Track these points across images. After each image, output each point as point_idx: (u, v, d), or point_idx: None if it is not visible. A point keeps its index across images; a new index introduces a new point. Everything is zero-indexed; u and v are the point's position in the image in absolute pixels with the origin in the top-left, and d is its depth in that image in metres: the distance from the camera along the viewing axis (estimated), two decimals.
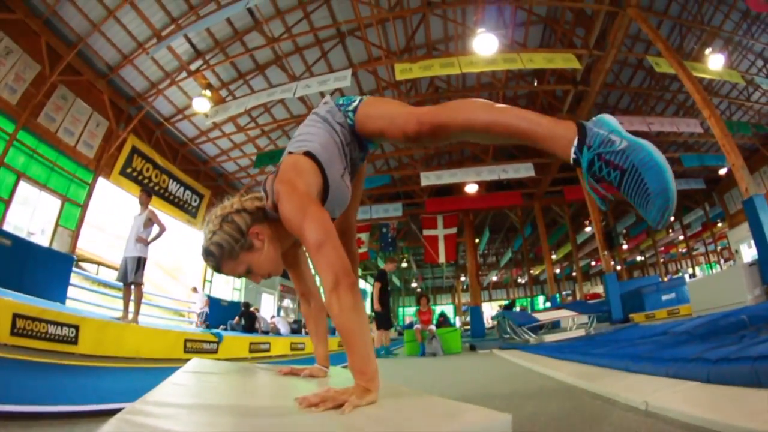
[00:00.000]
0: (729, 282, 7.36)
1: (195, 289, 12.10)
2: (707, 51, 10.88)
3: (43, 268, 6.98)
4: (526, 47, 11.90)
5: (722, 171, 16.43)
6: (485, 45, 9.23)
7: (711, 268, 22.70)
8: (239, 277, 1.39)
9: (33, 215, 9.09)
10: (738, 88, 14.20)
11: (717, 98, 14.40)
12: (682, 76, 8.59)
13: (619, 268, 22.61)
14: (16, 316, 3.70)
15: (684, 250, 24.97)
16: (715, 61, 10.52)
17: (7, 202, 8.25)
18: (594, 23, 9.89)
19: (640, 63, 13.53)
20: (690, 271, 23.04)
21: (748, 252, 17.22)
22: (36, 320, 3.85)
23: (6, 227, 7.88)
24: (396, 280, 32.44)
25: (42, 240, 8.85)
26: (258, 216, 1.37)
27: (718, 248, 21.94)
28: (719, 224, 20.67)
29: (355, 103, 1.60)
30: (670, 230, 23.72)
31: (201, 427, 0.80)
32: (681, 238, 23.48)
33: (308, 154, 1.39)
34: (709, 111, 8.02)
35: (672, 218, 1.14)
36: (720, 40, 12.50)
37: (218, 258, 1.31)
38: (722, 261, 20.56)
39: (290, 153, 1.43)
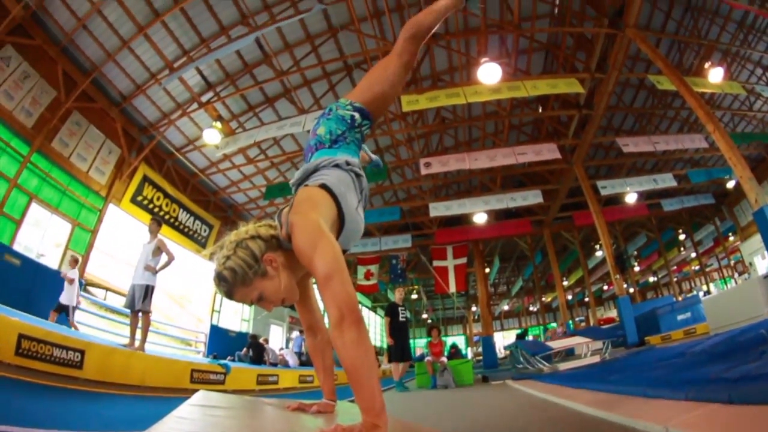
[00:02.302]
0: (745, 296, 7.15)
1: (74, 261, 7.46)
2: (706, 65, 10.90)
3: (51, 290, 7.00)
4: (529, 74, 12.06)
5: (730, 184, 16.25)
6: (489, 74, 9.34)
7: (725, 284, 22.12)
8: (251, 304, 1.37)
9: (44, 237, 9.16)
10: (740, 98, 14.23)
11: (720, 111, 14.43)
12: (684, 92, 8.60)
13: (632, 290, 22.19)
14: (21, 336, 3.67)
15: (697, 268, 24.41)
16: (715, 74, 10.50)
17: (19, 223, 8.36)
18: (594, 46, 10.03)
19: (641, 83, 13.66)
20: (704, 288, 22.43)
21: (762, 263, 17.00)
22: (41, 342, 3.82)
23: (16, 247, 7.94)
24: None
25: (45, 261, 8.82)
26: (272, 243, 1.37)
27: (732, 262, 21.52)
28: (731, 238, 20.32)
29: (348, 114, 1.74)
30: (682, 248, 23.34)
31: None
32: (693, 255, 23.00)
33: (324, 186, 1.40)
34: (713, 125, 7.98)
35: None
36: (718, 52, 12.62)
37: (231, 283, 1.30)
38: (736, 275, 20.09)
39: (305, 186, 1.45)
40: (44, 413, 2.47)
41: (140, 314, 5.70)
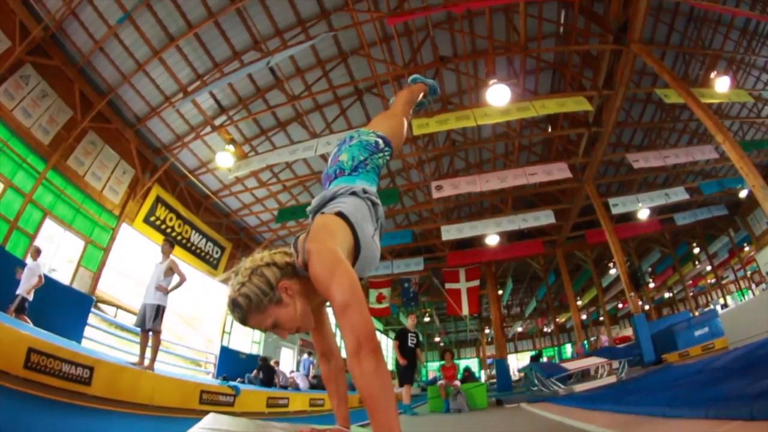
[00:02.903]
0: (763, 308, 6.92)
1: (36, 252, 6.95)
2: (712, 74, 10.88)
3: (62, 306, 7.08)
4: (537, 94, 12.16)
5: (743, 194, 15.95)
6: (498, 96, 9.38)
7: (743, 296, 21.47)
8: (265, 330, 1.38)
9: (56, 253, 9.28)
10: (747, 106, 14.13)
11: (728, 120, 14.34)
12: (692, 104, 8.53)
13: (647, 307, 21.69)
14: (31, 350, 3.69)
15: (713, 281, 23.79)
16: (721, 84, 10.41)
17: (32, 237, 8.49)
18: (600, 63, 10.09)
19: (649, 97, 13.70)
20: (721, 301, 21.76)
21: None
22: (51, 357, 3.84)
23: (28, 261, 8.00)
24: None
25: (57, 276, 8.78)
26: (287, 271, 1.38)
27: (748, 273, 20.89)
28: (746, 248, 19.85)
29: (373, 138, 1.88)
30: (697, 262, 22.86)
31: None
32: (708, 268, 22.44)
33: (340, 214, 1.43)
34: (723, 135, 7.86)
35: None
36: (723, 61, 12.60)
37: (245, 310, 1.31)
38: (754, 286, 19.48)
39: (322, 213, 1.48)
40: (51, 428, 2.47)
41: (150, 333, 5.72)
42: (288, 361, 18.08)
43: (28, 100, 8.40)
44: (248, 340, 16.23)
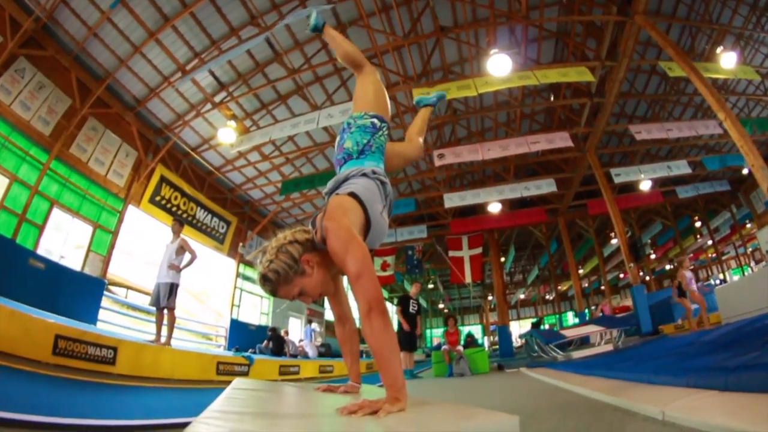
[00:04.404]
0: (758, 285, 7.02)
1: None
2: (719, 50, 10.63)
3: (75, 291, 7.31)
4: (539, 63, 11.98)
5: (745, 170, 15.81)
6: (499, 66, 9.26)
7: (743, 272, 21.66)
8: (293, 299, 1.57)
9: (66, 240, 9.46)
10: (754, 83, 13.80)
11: (734, 96, 14.11)
12: (695, 79, 8.43)
13: (648, 278, 21.94)
14: (58, 337, 3.93)
15: (713, 255, 23.95)
16: (727, 59, 10.22)
17: (41, 228, 8.66)
18: (604, 34, 9.90)
19: (653, 68, 13.42)
20: (721, 276, 21.97)
21: None
22: (77, 341, 4.08)
23: (38, 251, 8.21)
24: (423, 302, 32.18)
25: (66, 263, 9.03)
26: (308, 246, 1.56)
27: (749, 250, 21.04)
28: (748, 225, 19.82)
29: (369, 121, 2.02)
30: (698, 236, 22.97)
31: (271, 428, 0.95)
32: (710, 243, 22.59)
33: (352, 194, 1.61)
34: (725, 113, 7.82)
35: None
36: (731, 36, 12.27)
37: (275, 283, 1.49)
38: (753, 263, 19.66)
39: (337, 194, 1.67)
40: (83, 408, 2.68)
41: (165, 311, 5.94)
42: (296, 330, 18.56)
43: (25, 93, 8.38)
44: (257, 312, 16.60)
